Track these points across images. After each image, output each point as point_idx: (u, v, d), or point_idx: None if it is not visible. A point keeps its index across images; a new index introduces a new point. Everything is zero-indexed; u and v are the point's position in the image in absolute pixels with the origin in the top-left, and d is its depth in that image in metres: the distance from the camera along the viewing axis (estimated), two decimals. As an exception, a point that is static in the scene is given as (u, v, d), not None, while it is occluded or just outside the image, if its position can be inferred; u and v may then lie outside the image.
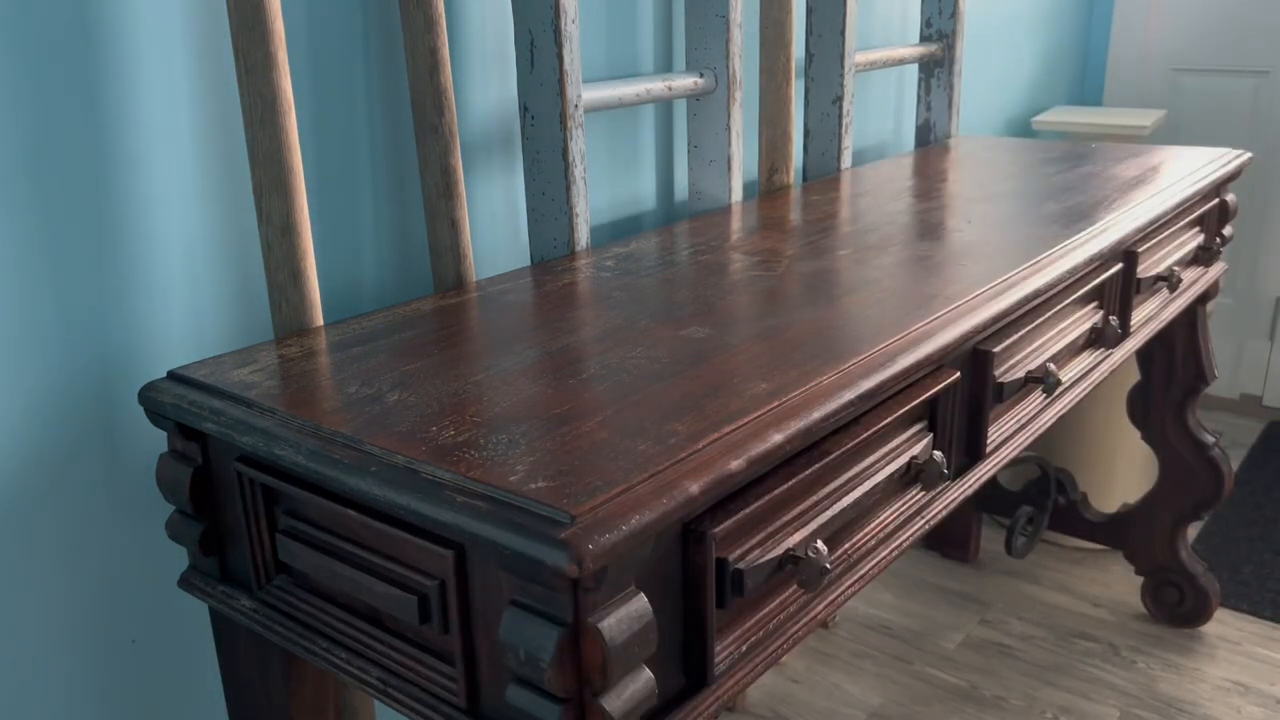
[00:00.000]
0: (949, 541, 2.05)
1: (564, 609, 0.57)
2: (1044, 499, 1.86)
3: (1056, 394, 1.10)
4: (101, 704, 0.92)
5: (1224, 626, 1.83)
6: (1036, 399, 1.07)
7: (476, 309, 0.95)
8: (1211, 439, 1.74)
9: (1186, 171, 1.47)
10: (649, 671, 0.61)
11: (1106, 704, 1.64)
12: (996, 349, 0.95)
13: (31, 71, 0.79)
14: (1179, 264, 1.40)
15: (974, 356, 0.94)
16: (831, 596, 0.78)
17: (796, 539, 0.72)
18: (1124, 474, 2.06)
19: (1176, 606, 1.82)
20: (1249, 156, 1.61)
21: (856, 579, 0.80)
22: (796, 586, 0.75)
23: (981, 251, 1.09)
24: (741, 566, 0.67)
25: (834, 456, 0.76)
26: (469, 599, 0.64)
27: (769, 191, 1.45)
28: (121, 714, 0.94)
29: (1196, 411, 1.74)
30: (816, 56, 1.52)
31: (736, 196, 1.37)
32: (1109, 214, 1.24)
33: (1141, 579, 1.87)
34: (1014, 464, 2.00)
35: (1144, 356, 1.73)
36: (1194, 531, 2.11)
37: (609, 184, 1.34)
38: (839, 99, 1.52)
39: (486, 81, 1.15)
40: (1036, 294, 1.00)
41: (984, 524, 2.14)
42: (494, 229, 1.19)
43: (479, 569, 0.63)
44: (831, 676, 1.72)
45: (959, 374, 0.90)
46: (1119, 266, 1.22)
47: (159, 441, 0.91)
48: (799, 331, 0.86)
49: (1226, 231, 1.59)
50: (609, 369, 0.79)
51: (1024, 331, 1.01)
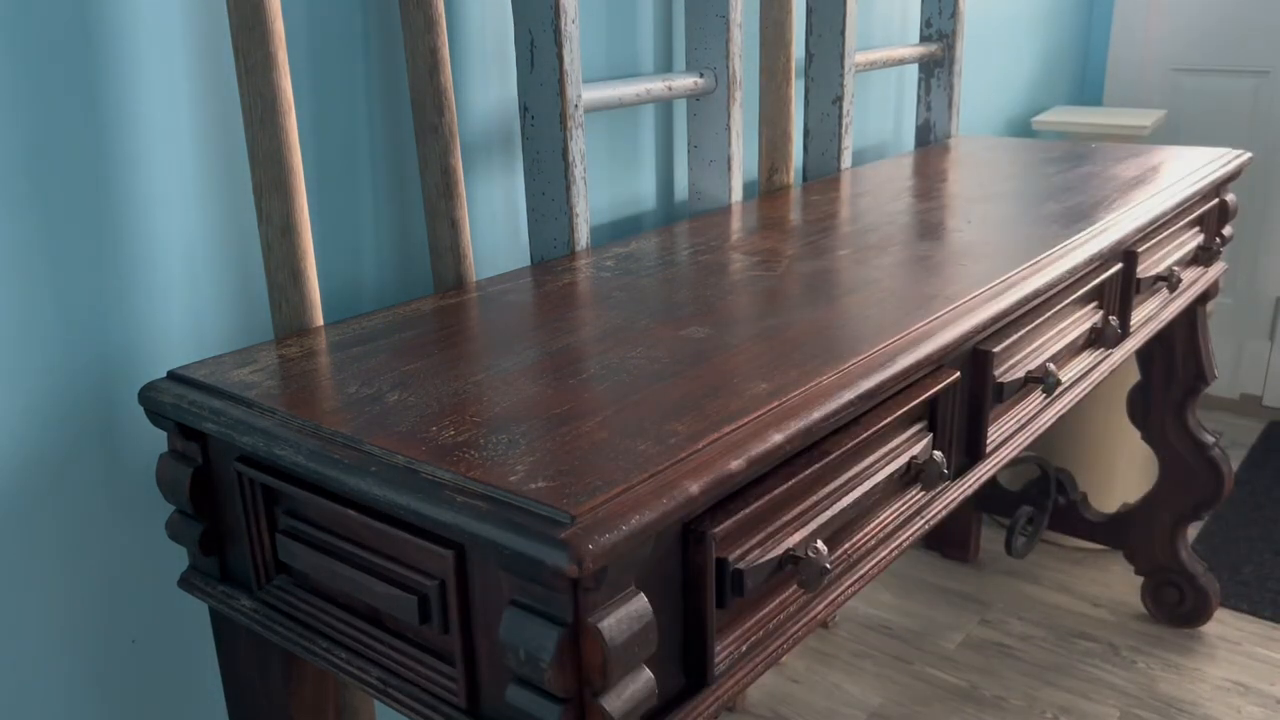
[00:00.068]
0: (949, 541, 2.05)
1: (564, 609, 0.57)
2: (1044, 499, 1.86)
3: (1056, 394, 1.10)
4: (101, 704, 0.92)
5: (1224, 626, 1.83)
6: (1036, 399, 1.07)
7: (476, 309, 0.95)
8: (1211, 439, 1.74)
9: (1186, 171, 1.47)
10: (649, 671, 0.61)
11: (1106, 704, 1.64)
12: (996, 349, 0.95)
13: (31, 71, 0.79)
14: (1179, 264, 1.40)
15: (974, 356, 0.94)
16: (831, 596, 0.78)
17: (796, 539, 0.72)
18: (1124, 474, 2.06)
19: (1176, 606, 1.81)
20: (1249, 156, 1.61)
21: (856, 579, 0.80)
22: (796, 586, 0.75)
23: (981, 251, 1.09)
24: (741, 566, 0.67)
25: (834, 456, 0.76)
26: (469, 599, 0.64)
27: (769, 191, 1.45)
28: (121, 714, 0.94)
29: (1196, 411, 1.74)
30: (816, 56, 1.52)
31: (736, 196, 1.37)
32: (1109, 214, 1.25)
33: (1141, 579, 1.87)
34: (1014, 464, 2.00)
35: (1144, 356, 1.73)
36: (1194, 531, 2.11)
37: (609, 184, 1.34)
38: (839, 99, 1.52)
39: (486, 81, 1.15)
40: (1036, 294, 1.00)
41: (984, 524, 2.14)
42: (494, 229, 1.19)
43: (479, 569, 0.63)
44: (831, 676, 1.72)
45: (959, 374, 0.90)
46: (1119, 266, 1.22)
47: (159, 441, 0.91)
48: (799, 331, 0.86)
49: (1226, 231, 1.59)
50: (609, 369, 0.79)
51: (1024, 331, 1.01)
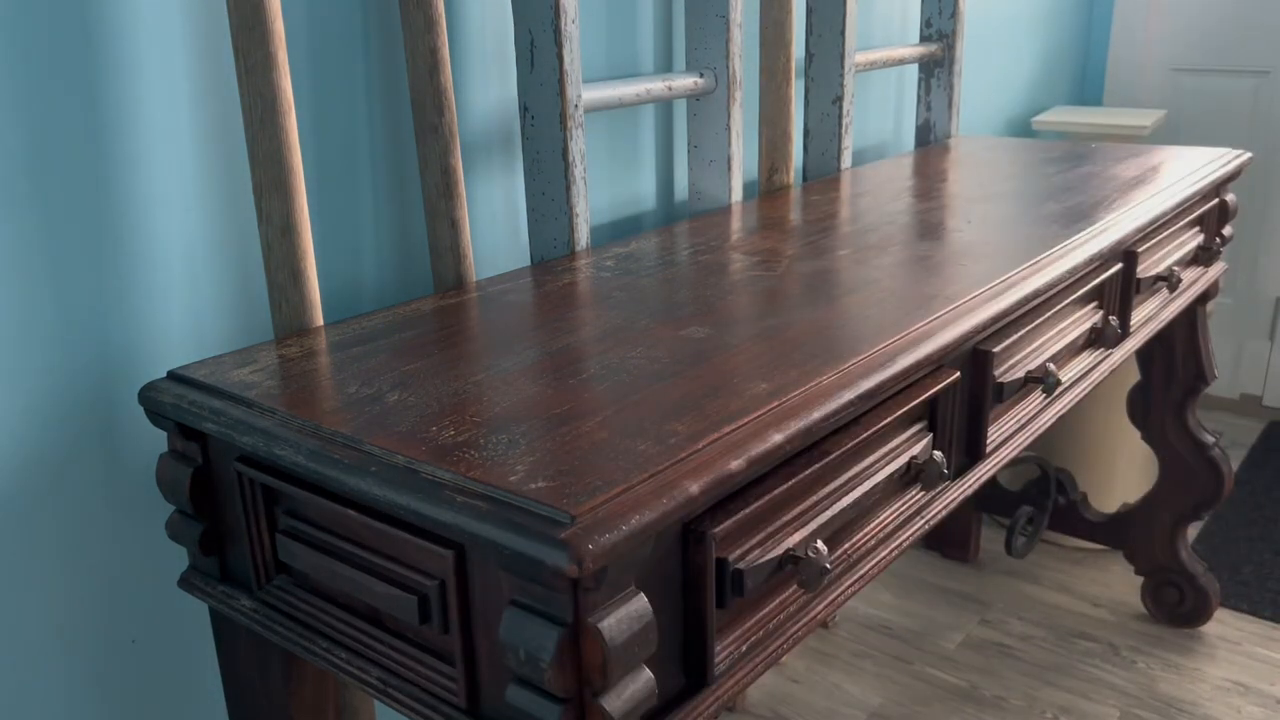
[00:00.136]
0: (949, 541, 2.05)
1: (564, 609, 0.57)
2: (1044, 499, 1.86)
3: (1056, 394, 1.10)
4: (101, 704, 0.92)
5: (1224, 626, 1.83)
6: (1036, 399, 1.07)
7: (476, 309, 0.95)
8: (1211, 439, 1.74)
9: (1186, 171, 1.47)
10: (649, 671, 0.61)
11: (1106, 704, 1.64)
12: (996, 349, 0.95)
13: (31, 71, 0.79)
14: (1179, 264, 1.40)
15: (974, 356, 0.94)
16: (831, 596, 0.78)
17: (796, 539, 0.72)
18: (1124, 474, 2.06)
19: (1176, 606, 1.81)
20: (1249, 156, 1.61)
21: (856, 579, 0.80)
22: (796, 586, 0.75)
23: (981, 251, 1.09)
24: (741, 566, 0.67)
25: (834, 456, 0.76)
26: (469, 599, 0.64)
27: (769, 191, 1.45)
28: (121, 714, 0.94)
29: (1196, 411, 1.74)
30: (816, 56, 1.52)
31: (736, 196, 1.37)
32: (1109, 214, 1.25)
33: (1141, 579, 1.87)
34: (1014, 464, 2.00)
35: (1144, 356, 1.73)
36: (1194, 531, 2.11)
37: (609, 184, 1.34)
38: (839, 99, 1.52)
39: (486, 81, 1.15)
40: (1036, 294, 1.00)
41: (984, 524, 2.14)
42: (494, 229, 1.19)
43: (479, 569, 0.63)
44: (831, 676, 1.72)
45: (959, 374, 0.90)
46: (1119, 266, 1.22)
47: (159, 441, 0.91)
48: (799, 331, 0.86)
49: (1226, 231, 1.59)
50: (609, 369, 0.79)
51: (1024, 331, 1.01)
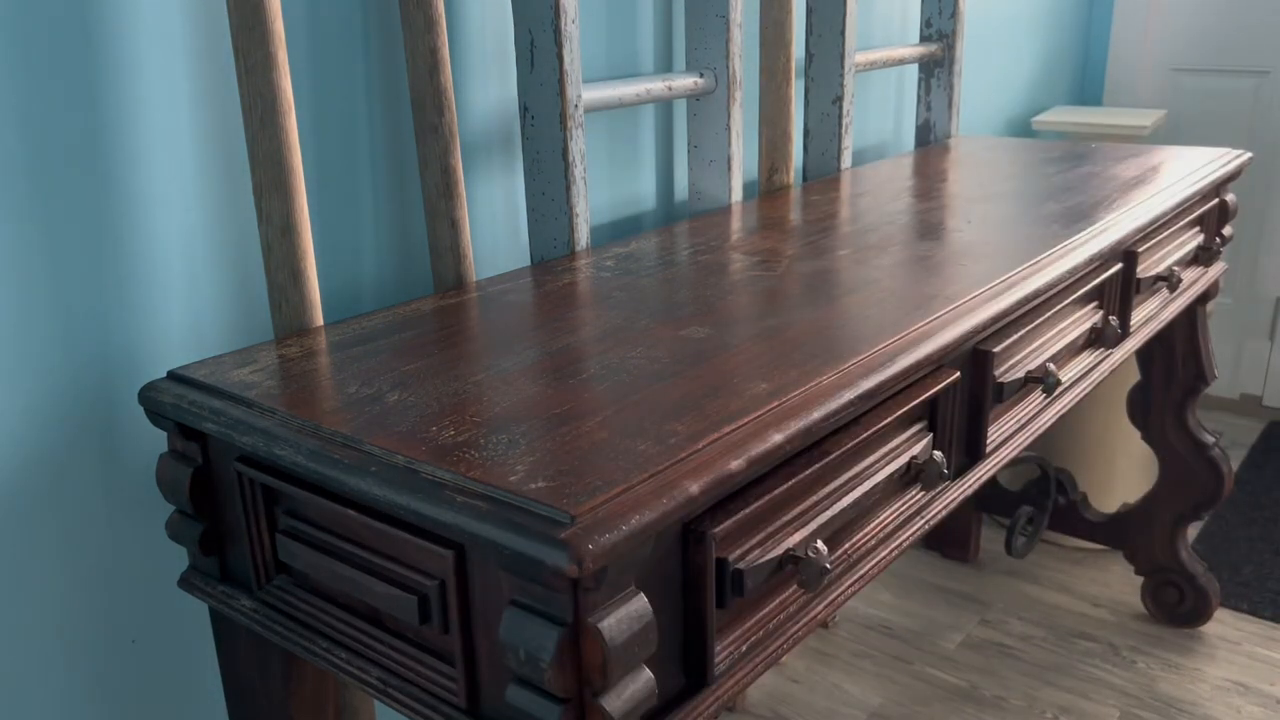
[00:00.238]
0: (949, 541, 2.05)
1: (564, 609, 0.57)
2: (1044, 499, 1.86)
3: (1056, 394, 1.10)
4: (101, 704, 0.92)
5: (1224, 626, 1.83)
6: (1036, 399, 1.07)
7: (476, 309, 0.95)
8: (1211, 439, 1.74)
9: (1186, 171, 1.47)
10: (649, 671, 0.61)
11: (1106, 704, 1.64)
12: (996, 349, 0.95)
13: (31, 71, 0.79)
14: (1179, 264, 1.40)
15: (974, 356, 0.94)
16: (831, 596, 0.78)
17: (796, 539, 0.72)
18: (1124, 474, 2.06)
19: (1176, 606, 1.81)
20: (1249, 156, 1.61)
21: (856, 579, 0.80)
22: (796, 586, 0.75)
23: (981, 251, 1.09)
24: (741, 566, 0.67)
25: (834, 456, 0.76)
26: (469, 599, 0.64)
27: (769, 191, 1.45)
28: (121, 714, 0.94)
29: (1196, 411, 1.74)
30: (816, 56, 1.52)
31: (736, 196, 1.37)
32: (1109, 214, 1.25)
33: (1141, 579, 1.87)
34: (1014, 464, 1.99)
35: (1144, 356, 1.73)
36: (1194, 531, 2.11)
37: (609, 184, 1.34)
38: (839, 99, 1.52)
39: (486, 81, 1.15)
40: (1036, 294, 1.00)
41: (984, 524, 2.14)
42: (494, 229, 1.19)
43: (479, 569, 0.63)
44: (831, 676, 1.72)
45: (959, 374, 0.90)
46: (1119, 266, 1.22)
47: (159, 441, 0.91)
48: (799, 331, 0.86)
49: (1226, 231, 1.59)
50: (609, 369, 0.79)
51: (1024, 331, 1.01)
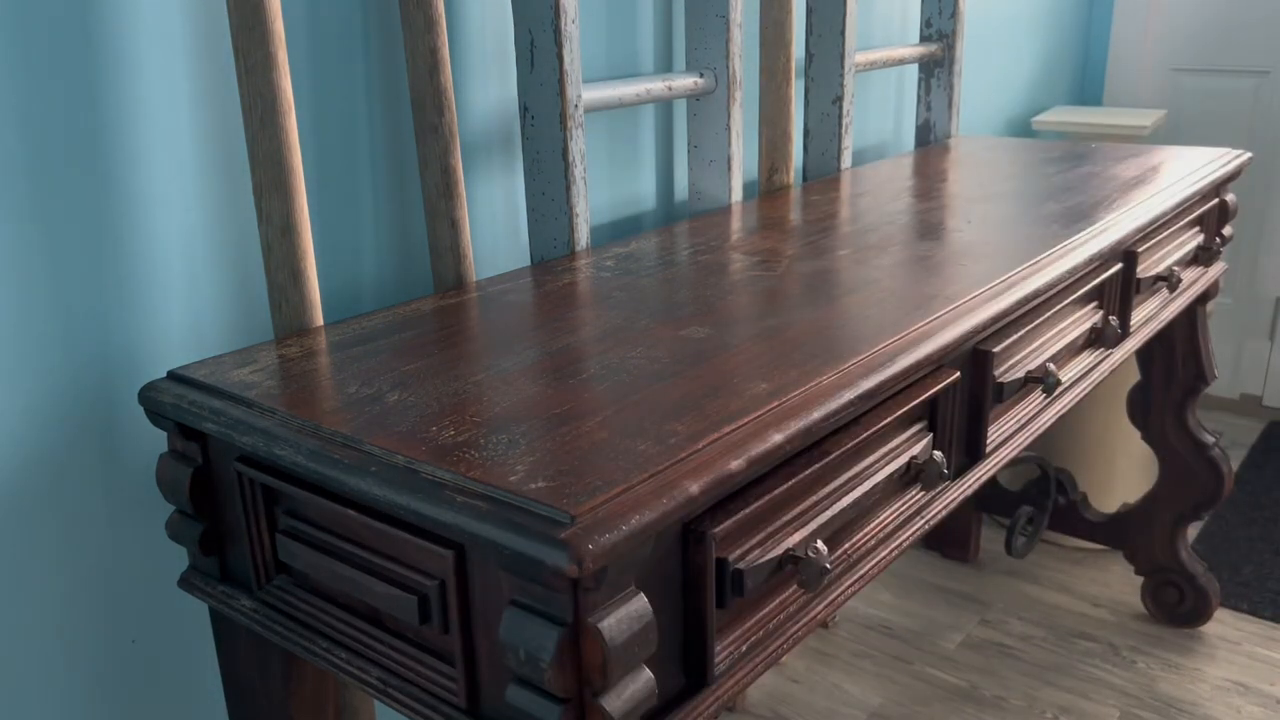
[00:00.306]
0: (949, 541, 2.05)
1: (564, 609, 0.57)
2: (1044, 499, 1.86)
3: (1056, 394, 1.10)
4: (101, 704, 0.92)
5: (1224, 626, 1.83)
6: (1036, 399, 1.07)
7: (476, 309, 0.95)
8: (1211, 439, 1.74)
9: (1186, 171, 1.47)
10: (649, 671, 0.61)
11: (1106, 704, 1.64)
12: (996, 349, 0.95)
13: (31, 71, 0.79)
14: (1179, 264, 1.40)
15: (974, 356, 0.94)
16: (831, 596, 0.78)
17: (796, 539, 0.72)
18: (1124, 474, 2.06)
19: (1176, 606, 1.81)
20: (1249, 156, 1.61)
21: (856, 579, 0.80)
22: (796, 586, 0.75)
23: (981, 251, 1.09)
24: (741, 566, 0.67)
25: (834, 456, 0.76)
26: (469, 599, 0.64)
27: (769, 191, 1.45)
28: (121, 714, 0.94)
29: (1196, 411, 1.74)
30: (816, 56, 1.52)
31: (736, 196, 1.37)
32: (1109, 214, 1.24)
33: (1141, 579, 1.87)
34: (1014, 464, 1.99)
35: (1144, 356, 1.73)
36: (1194, 531, 2.11)
37: (609, 184, 1.34)
38: (839, 99, 1.52)
39: (486, 81, 1.15)
40: (1036, 294, 1.00)
41: (984, 524, 2.14)
42: (494, 229, 1.19)
43: (479, 569, 0.63)
44: (831, 676, 1.72)
45: (959, 374, 0.90)
46: (1119, 266, 1.22)
47: (159, 441, 0.91)
48: (799, 331, 0.86)
49: (1226, 231, 1.59)
50: (609, 369, 0.79)
51: (1024, 331, 1.01)
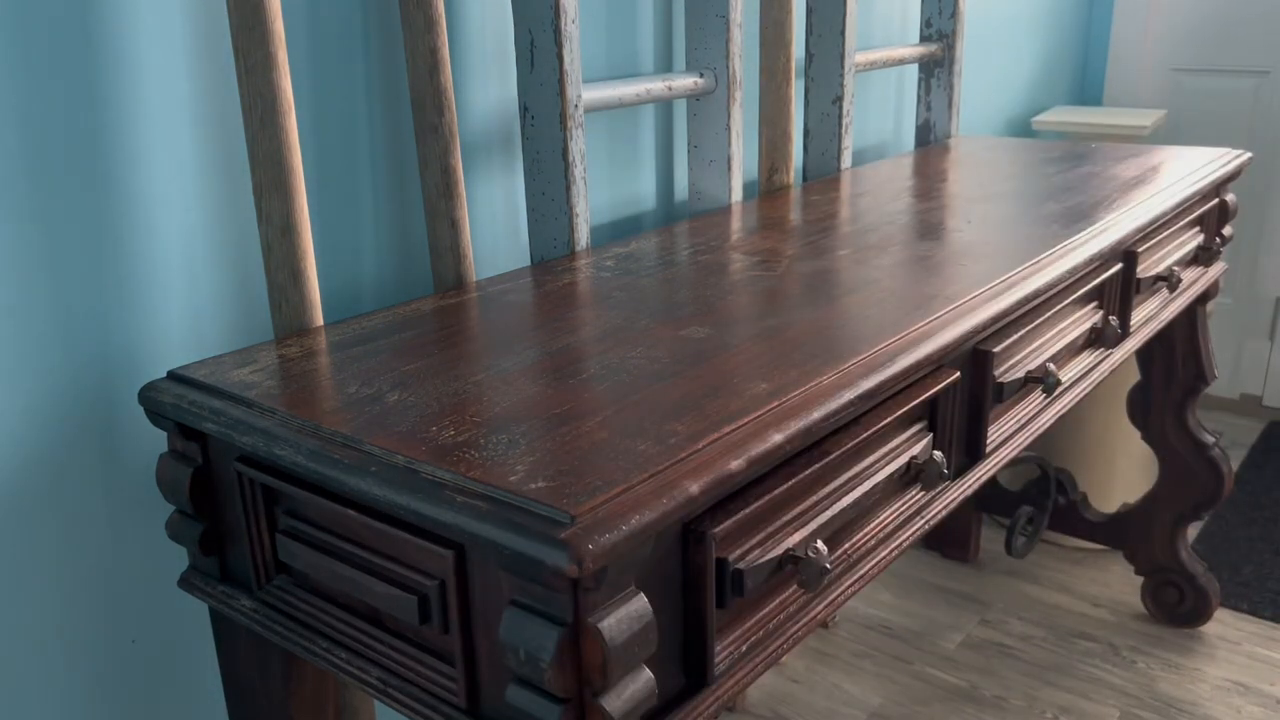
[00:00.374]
0: (949, 541, 2.05)
1: (564, 609, 0.57)
2: (1044, 499, 1.86)
3: (1056, 394, 1.10)
4: (101, 704, 0.92)
5: (1224, 626, 1.83)
6: (1036, 399, 1.07)
7: (476, 309, 0.95)
8: (1211, 439, 1.74)
9: (1186, 171, 1.47)
10: (649, 671, 0.61)
11: (1106, 704, 1.64)
12: (996, 349, 0.95)
13: (31, 71, 0.79)
14: (1179, 264, 1.40)
15: (974, 356, 0.94)
16: (831, 596, 0.78)
17: (796, 539, 0.72)
18: (1124, 474, 2.06)
19: (1176, 606, 1.81)
20: (1249, 156, 1.61)
21: (856, 579, 0.80)
22: (796, 586, 0.75)
23: (981, 251, 1.09)
24: (741, 566, 0.67)
25: (834, 456, 0.76)
26: (469, 599, 0.64)
27: (769, 191, 1.45)
28: (121, 714, 0.94)
29: (1196, 411, 1.74)
30: (816, 56, 1.52)
31: (736, 196, 1.37)
32: (1109, 214, 1.24)
33: (1141, 579, 1.87)
34: (1014, 464, 1.99)
35: (1144, 356, 1.73)
36: (1194, 531, 2.11)
37: (609, 184, 1.34)
38: (839, 99, 1.52)
39: (486, 81, 1.15)
40: (1036, 294, 1.00)
41: (984, 524, 2.14)
42: (494, 229, 1.19)
43: (479, 569, 0.63)
44: (831, 676, 1.72)
45: (959, 374, 0.90)
46: (1119, 266, 1.22)
47: (159, 441, 0.91)
48: (799, 331, 0.86)
49: (1226, 231, 1.59)
50: (609, 369, 0.79)
51: (1024, 331, 1.01)
